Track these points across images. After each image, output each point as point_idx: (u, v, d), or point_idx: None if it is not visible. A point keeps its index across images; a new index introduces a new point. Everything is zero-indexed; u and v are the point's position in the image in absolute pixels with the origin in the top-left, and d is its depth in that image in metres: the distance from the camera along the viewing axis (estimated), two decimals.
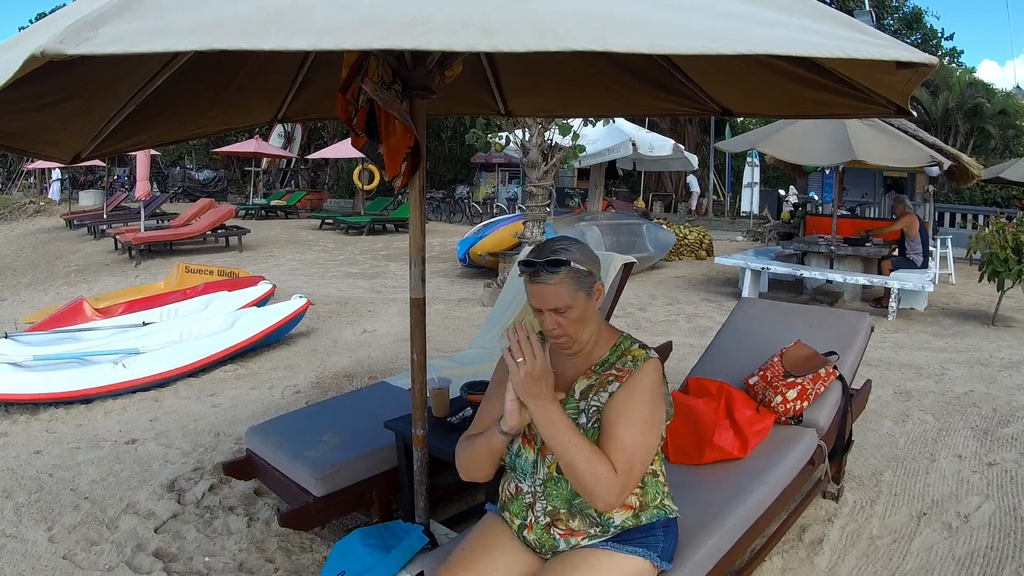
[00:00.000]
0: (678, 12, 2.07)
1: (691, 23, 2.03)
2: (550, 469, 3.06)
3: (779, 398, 4.99)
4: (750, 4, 2.30)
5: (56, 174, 37.60)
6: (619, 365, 3.10)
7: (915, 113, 4.18)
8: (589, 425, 3.01)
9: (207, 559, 4.96)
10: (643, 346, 3.18)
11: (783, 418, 5.01)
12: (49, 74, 3.09)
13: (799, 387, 5.00)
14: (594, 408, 3.03)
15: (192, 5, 1.86)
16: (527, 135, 12.95)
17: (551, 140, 13.06)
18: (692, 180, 35.82)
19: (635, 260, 7.19)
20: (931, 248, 14.97)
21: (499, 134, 13.89)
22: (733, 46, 1.86)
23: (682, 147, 21.53)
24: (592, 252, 3.20)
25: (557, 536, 3.07)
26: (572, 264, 3.03)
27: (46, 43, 1.59)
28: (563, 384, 3.16)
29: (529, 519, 3.14)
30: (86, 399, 8.14)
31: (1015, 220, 13.01)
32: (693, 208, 34.12)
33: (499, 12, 1.82)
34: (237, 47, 1.63)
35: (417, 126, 3.49)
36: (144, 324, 10.29)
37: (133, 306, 11.48)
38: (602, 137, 17.30)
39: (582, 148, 14.23)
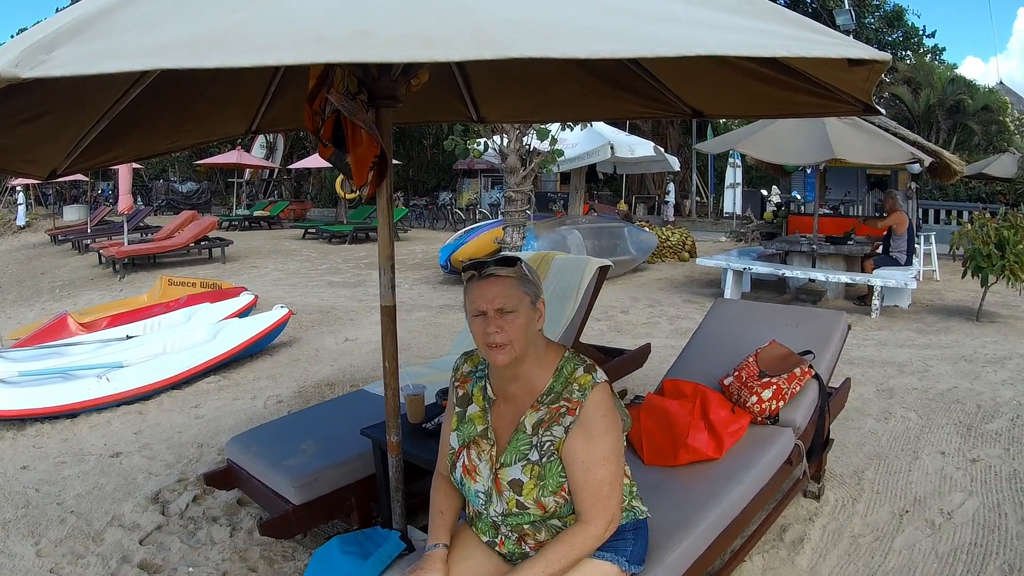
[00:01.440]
0: (620, 17, 2.08)
1: (632, 27, 2.04)
2: (509, 505, 3.05)
3: (754, 398, 5.00)
4: (696, 6, 2.31)
5: (20, 198, 37.04)
6: (567, 395, 3.05)
7: (883, 111, 4.15)
8: (544, 460, 3.01)
9: (191, 570, 4.97)
10: (588, 368, 3.12)
11: (759, 418, 5.03)
12: (20, 92, 3.11)
13: (774, 387, 5.02)
14: (548, 443, 3.01)
15: (144, 25, 1.88)
16: (505, 141, 12.97)
17: (529, 145, 13.07)
18: (672, 187, 35.69)
19: (611, 263, 7.20)
20: (915, 245, 14.97)
21: (477, 140, 13.90)
22: (674, 49, 1.88)
23: (661, 149, 21.57)
24: (535, 272, 3.18)
25: (528, 549, 3.10)
26: (522, 264, 3.05)
27: (1, 67, 1.61)
28: (510, 419, 3.15)
29: (499, 538, 3.17)
30: (71, 414, 8.14)
31: (998, 216, 13.04)
32: (671, 218, 33.98)
33: (442, 23, 1.84)
34: (183, 66, 1.65)
35: (383, 135, 3.50)
36: (128, 337, 10.28)
37: (117, 320, 11.47)
38: (581, 141, 17.37)
39: (560, 152, 14.22)
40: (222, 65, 1.65)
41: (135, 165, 28.22)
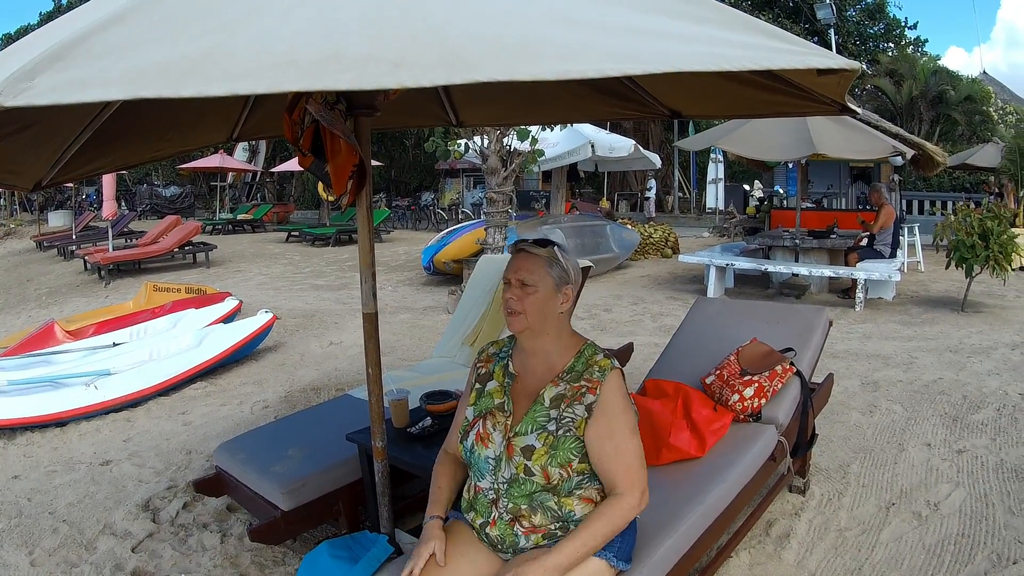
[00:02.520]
0: (589, 31, 2.10)
1: (602, 43, 2.05)
2: (517, 470, 3.12)
3: (736, 396, 5.04)
4: (666, 17, 2.32)
5: None
6: (587, 376, 3.20)
7: (859, 110, 4.18)
8: (560, 432, 3.11)
9: None
10: (607, 355, 3.29)
11: (741, 416, 5.06)
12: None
13: (756, 385, 5.05)
14: (568, 419, 3.12)
15: (121, 51, 1.90)
16: (486, 142, 12.98)
17: (510, 146, 13.08)
18: (652, 184, 35.66)
19: (591, 264, 7.23)
20: (899, 237, 15.00)
21: (458, 141, 13.90)
22: (643, 66, 1.90)
23: (640, 147, 21.57)
24: (577, 266, 3.39)
25: (519, 532, 3.13)
26: (556, 249, 3.26)
27: None
28: (530, 391, 3.27)
29: (492, 516, 3.19)
30: (61, 422, 8.13)
31: (982, 205, 13.09)
32: (652, 214, 33.96)
33: (412, 44, 1.87)
34: (160, 95, 1.69)
35: (362, 144, 3.52)
36: (114, 345, 10.28)
37: (103, 327, 11.44)
38: (561, 140, 17.36)
39: (541, 152, 14.26)
40: (197, 95, 1.68)
41: None
